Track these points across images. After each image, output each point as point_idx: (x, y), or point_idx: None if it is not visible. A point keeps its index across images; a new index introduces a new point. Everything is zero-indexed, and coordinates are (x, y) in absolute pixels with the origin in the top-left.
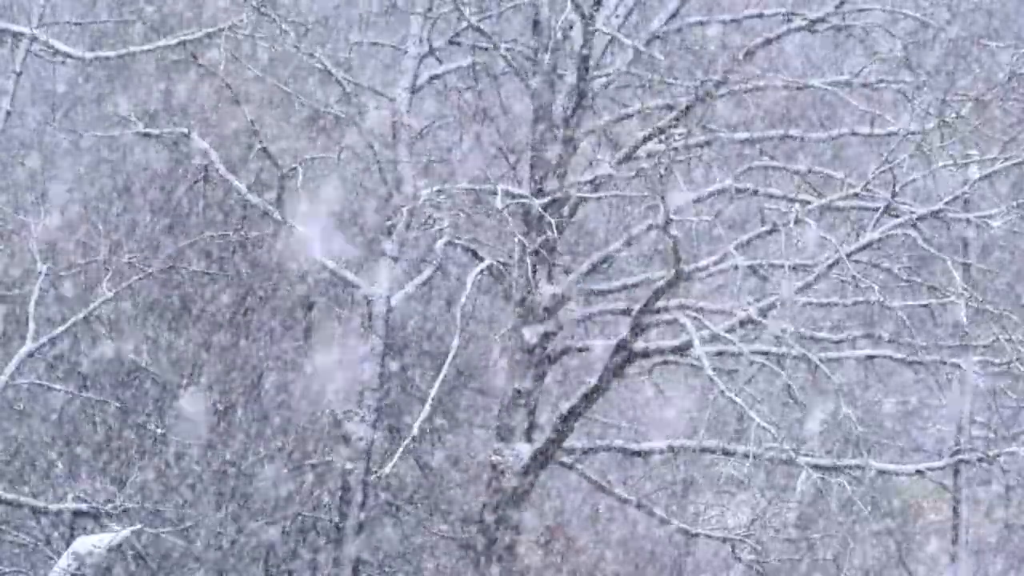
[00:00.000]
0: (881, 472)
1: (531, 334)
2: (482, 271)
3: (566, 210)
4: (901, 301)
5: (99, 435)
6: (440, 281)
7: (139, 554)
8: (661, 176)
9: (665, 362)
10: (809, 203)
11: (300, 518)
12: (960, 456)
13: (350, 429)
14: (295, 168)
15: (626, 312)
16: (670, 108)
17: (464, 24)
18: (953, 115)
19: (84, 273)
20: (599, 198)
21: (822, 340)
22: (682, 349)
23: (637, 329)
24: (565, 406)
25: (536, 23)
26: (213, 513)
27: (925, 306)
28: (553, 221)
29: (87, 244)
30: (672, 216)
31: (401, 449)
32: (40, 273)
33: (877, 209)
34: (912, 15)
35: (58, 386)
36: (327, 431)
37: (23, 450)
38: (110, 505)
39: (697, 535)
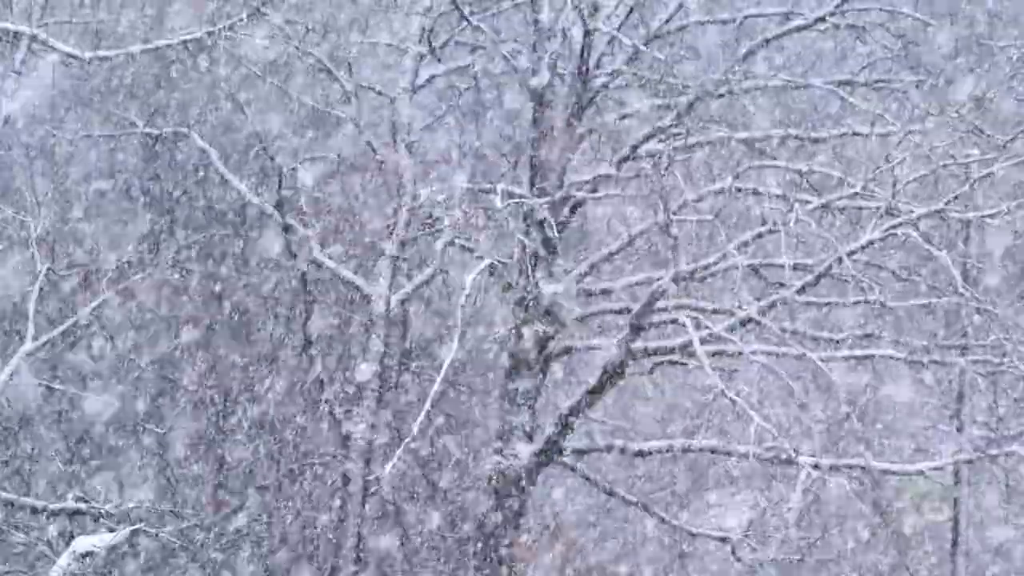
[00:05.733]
0: (881, 472)
1: (531, 334)
2: (482, 271)
3: (566, 210)
4: (901, 301)
5: (99, 435)
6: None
7: (139, 554)
8: (661, 176)
9: (665, 362)
10: (809, 203)
11: (300, 518)
12: (960, 456)
13: (350, 429)
14: (295, 168)
15: (626, 312)
16: (670, 108)
17: (464, 24)
18: (953, 114)
19: (84, 273)
20: (599, 198)
21: (822, 340)
22: (682, 349)
23: (637, 329)
24: (565, 406)
25: (536, 23)
26: (212, 513)
27: (925, 306)
28: (553, 221)
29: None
30: (672, 216)
31: (401, 449)
32: (40, 273)
33: (877, 209)
34: (912, 14)
35: (58, 386)
36: (327, 431)
37: (23, 450)
38: (110, 505)
39: (697, 535)
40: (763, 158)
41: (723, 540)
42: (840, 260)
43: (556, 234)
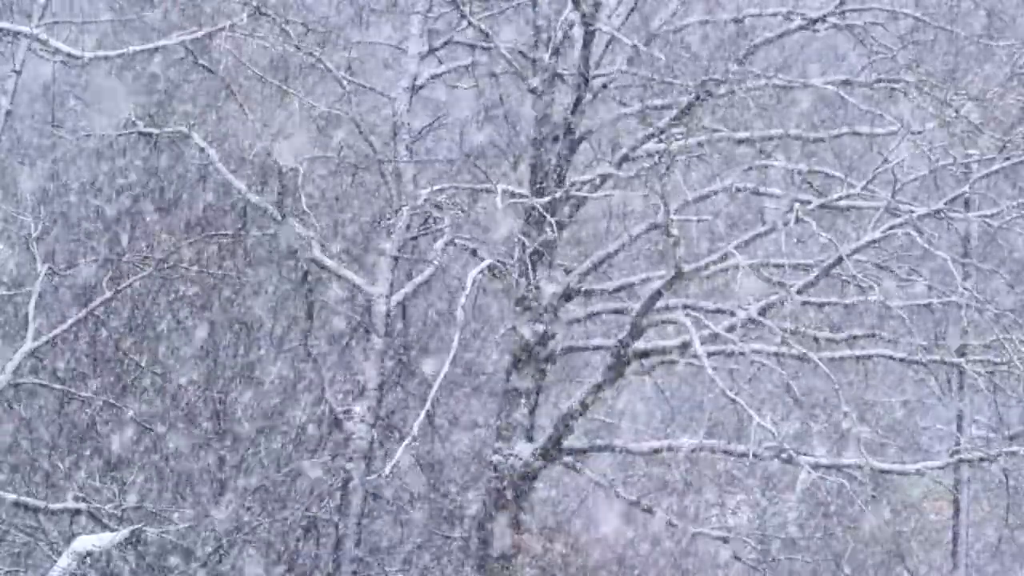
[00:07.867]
0: (881, 472)
1: (531, 333)
2: (482, 271)
3: (566, 210)
4: (901, 301)
5: (99, 435)
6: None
7: (139, 554)
8: (661, 176)
9: (665, 362)
10: (809, 203)
11: (300, 518)
12: (960, 456)
13: (350, 429)
14: (295, 168)
15: (626, 312)
16: (670, 108)
17: (464, 24)
18: (953, 114)
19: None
20: (599, 198)
21: (822, 340)
22: (682, 349)
23: (637, 329)
24: (565, 406)
25: (536, 23)
26: (213, 513)
27: (925, 306)
28: (553, 221)
29: (87, 244)
30: (672, 216)
31: (401, 449)
32: (40, 273)
33: (877, 209)
34: (912, 14)
35: (58, 386)
36: (327, 431)
37: (23, 450)
38: (110, 505)
39: (697, 535)
40: (763, 158)
41: (723, 540)
42: (840, 260)
43: (556, 234)
